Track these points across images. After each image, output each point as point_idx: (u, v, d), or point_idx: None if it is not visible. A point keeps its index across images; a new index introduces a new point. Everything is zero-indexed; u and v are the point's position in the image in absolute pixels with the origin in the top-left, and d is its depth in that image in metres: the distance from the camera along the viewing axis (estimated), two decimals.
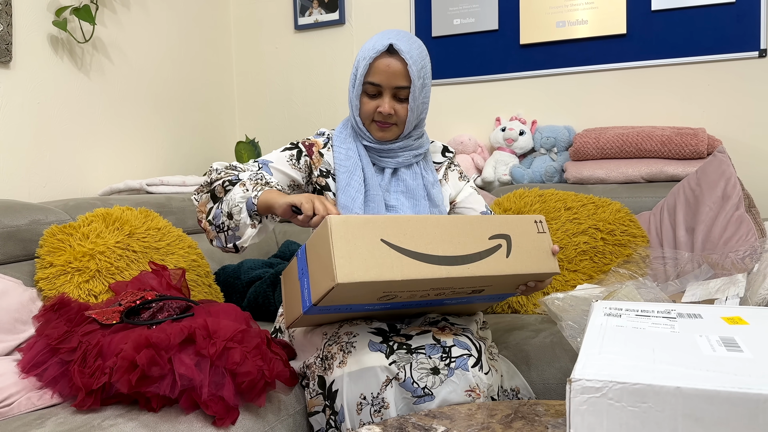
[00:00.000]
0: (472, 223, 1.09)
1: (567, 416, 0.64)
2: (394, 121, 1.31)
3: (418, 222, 1.05)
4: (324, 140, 1.39)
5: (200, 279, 1.67)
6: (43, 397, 1.09)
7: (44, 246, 1.45)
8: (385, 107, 1.28)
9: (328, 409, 1.15)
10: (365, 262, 0.98)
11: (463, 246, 1.07)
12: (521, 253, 1.12)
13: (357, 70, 1.30)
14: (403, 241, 1.02)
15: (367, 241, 0.99)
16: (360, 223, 1.00)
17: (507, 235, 1.11)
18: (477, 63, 2.47)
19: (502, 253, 1.10)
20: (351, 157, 1.33)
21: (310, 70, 2.77)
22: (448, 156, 1.46)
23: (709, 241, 1.59)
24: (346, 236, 0.98)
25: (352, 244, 0.98)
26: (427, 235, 1.04)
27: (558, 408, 1.03)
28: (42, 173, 1.96)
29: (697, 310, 0.89)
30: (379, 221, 1.02)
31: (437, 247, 1.04)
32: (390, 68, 1.27)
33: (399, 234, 1.02)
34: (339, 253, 0.96)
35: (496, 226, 1.11)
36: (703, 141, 1.98)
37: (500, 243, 1.10)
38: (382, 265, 0.99)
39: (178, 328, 1.06)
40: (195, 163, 2.64)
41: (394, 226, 1.02)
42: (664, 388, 0.61)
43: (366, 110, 1.31)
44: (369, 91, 1.29)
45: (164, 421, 1.01)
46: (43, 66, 1.96)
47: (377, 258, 0.99)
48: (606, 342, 0.74)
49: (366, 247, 0.99)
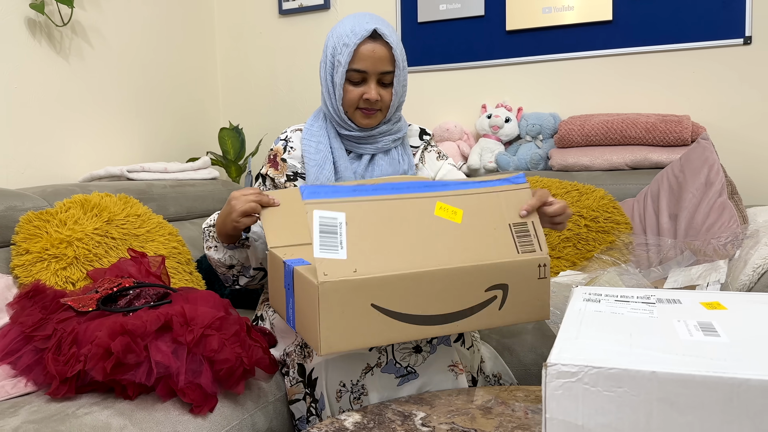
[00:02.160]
0: (471, 275, 1.00)
1: (543, 401, 0.63)
2: (380, 107, 1.29)
3: (414, 280, 0.96)
4: (282, 144, 1.36)
5: (181, 266, 1.65)
6: (17, 386, 1.07)
7: (20, 233, 1.43)
8: (372, 94, 1.25)
9: (308, 396, 1.14)
10: (352, 330, 0.92)
11: (457, 302, 1.00)
12: (515, 304, 1.04)
13: (335, 57, 1.26)
14: (394, 304, 0.95)
15: (356, 308, 0.92)
16: (351, 288, 0.91)
17: (505, 284, 1.03)
18: (463, 49, 2.45)
19: (495, 305, 1.03)
20: (321, 151, 1.31)
21: (295, 55, 2.74)
22: (426, 139, 1.45)
23: (691, 228, 1.60)
24: (335, 305, 0.91)
25: (339, 312, 0.91)
26: (420, 293, 0.96)
27: (538, 394, 1.03)
28: (20, 159, 1.93)
29: (677, 296, 0.89)
30: (372, 284, 0.93)
31: (430, 306, 0.97)
32: (375, 54, 1.24)
33: (391, 296, 0.94)
34: (325, 324, 0.90)
35: (496, 275, 1.02)
36: (688, 128, 1.98)
37: (496, 294, 1.02)
38: (370, 332, 0.94)
39: (154, 315, 1.04)
40: (177, 149, 2.61)
41: (387, 287, 0.94)
42: (639, 373, 0.60)
43: (350, 98, 1.27)
44: (353, 78, 1.25)
45: (140, 409, 1.00)
46: (20, 50, 1.92)
47: (365, 325, 0.93)
48: (583, 327, 0.74)
49: (354, 313, 0.92)
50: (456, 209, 1.04)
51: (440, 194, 1.04)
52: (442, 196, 1.04)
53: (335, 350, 0.92)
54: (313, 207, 0.93)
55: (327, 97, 1.31)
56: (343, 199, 0.96)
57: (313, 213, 0.93)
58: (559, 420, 0.63)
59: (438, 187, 1.05)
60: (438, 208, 1.03)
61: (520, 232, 1.06)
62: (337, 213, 0.95)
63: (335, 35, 1.27)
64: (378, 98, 1.26)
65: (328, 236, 0.93)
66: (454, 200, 1.05)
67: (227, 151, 2.50)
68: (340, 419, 0.95)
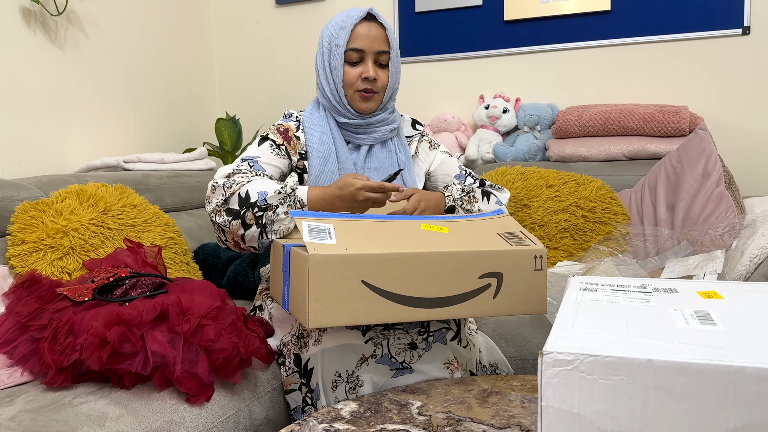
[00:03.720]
0: (464, 261, 1.00)
1: (539, 389, 0.63)
2: (377, 88, 1.31)
3: (406, 260, 0.97)
4: (295, 123, 1.36)
5: (177, 257, 1.65)
6: (13, 375, 1.07)
7: (16, 223, 1.42)
8: (370, 72, 1.28)
9: (304, 386, 1.14)
10: (341, 305, 0.93)
11: (450, 286, 1.00)
12: (510, 294, 1.03)
13: (332, 42, 1.29)
14: (385, 282, 0.96)
15: (346, 283, 0.93)
16: (342, 263, 0.93)
17: (499, 273, 1.02)
18: (461, 39, 2.44)
19: (489, 293, 1.02)
20: (325, 142, 1.31)
21: (292, 46, 2.72)
22: (419, 129, 1.45)
23: (689, 218, 1.60)
24: (325, 278, 0.92)
25: (329, 287, 0.92)
26: (413, 274, 0.97)
27: (534, 383, 1.03)
28: (16, 150, 1.92)
29: (673, 285, 0.89)
30: (363, 261, 0.94)
31: (421, 288, 0.98)
32: (371, 33, 1.28)
33: (382, 275, 0.95)
34: (314, 297, 0.92)
35: (490, 262, 1.02)
36: (686, 118, 1.98)
37: (490, 282, 1.02)
38: (359, 308, 0.94)
39: (150, 304, 1.04)
40: (174, 140, 2.60)
41: (378, 265, 0.95)
42: (635, 361, 0.60)
43: (349, 78, 1.30)
44: (351, 58, 1.29)
45: (137, 398, 1.00)
46: (15, 39, 1.90)
47: (354, 301, 0.94)
48: (580, 316, 0.74)
49: (344, 289, 0.93)
50: (442, 227, 1.08)
51: (423, 220, 1.10)
52: (425, 221, 1.10)
53: (323, 324, 0.93)
54: (302, 220, 0.99)
55: (325, 84, 1.32)
56: (329, 219, 1.02)
57: (302, 223, 0.98)
58: (555, 408, 0.63)
59: (420, 218, 1.12)
60: (423, 227, 1.07)
61: (510, 236, 1.09)
62: (326, 224, 1.00)
63: (330, 25, 1.31)
64: (376, 77, 1.29)
65: (318, 233, 0.97)
66: (438, 222, 1.10)
67: (224, 141, 2.49)
68: (336, 408, 0.95)
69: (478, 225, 1.11)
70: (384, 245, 0.98)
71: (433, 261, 0.98)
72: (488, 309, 1.02)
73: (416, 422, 0.90)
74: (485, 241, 1.05)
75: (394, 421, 0.91)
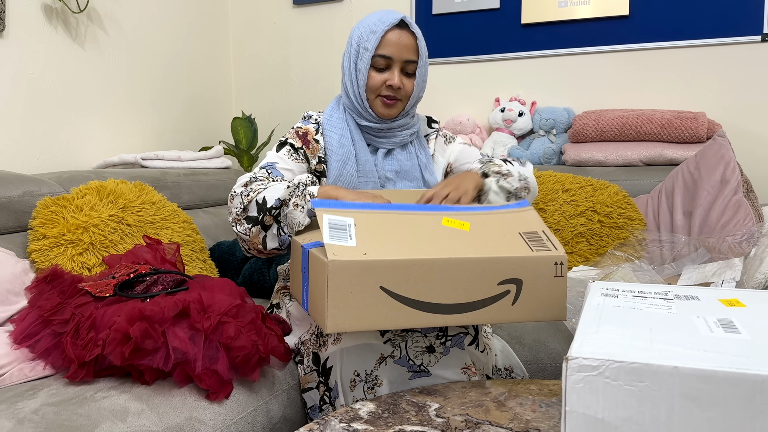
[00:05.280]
0: (484, 267, 0.99)
1: (563, 394, 0.63)
2: (401, 97, 1.30)
3: (424, 267, 0.96)
4: (314, 126, 1.36)
5: (195, 254, 1.66)
6: (35, 369, 1.08)
7: (37, 218, 1.44)
8: (395, 80, 1.27)
9: (322, 385, 1.15)
10: (360, 311, 0.93)
11: (468, 292, 0.99)
12: (529, 301, 1.02)
13: (361, 44, 1.28)
14: (404, 288, 0.95)
15: (364, 288, 0.93)
16: (360, 269, 0.93)
17: (519, 279, 1.01)
18: (477, 42, 2.44)
19: (507, 300, 1.01)
20: (344, 145, 1.31)
21: (309, 46, 2.73)
22: (435, 127, 1.45)
23: (706, 225, 1.59)
24: (344, 284, 0.92)
25: (348, 292, 0.92)
26: (431, 281, 0.96)
27: (552, 387, 1.03)
28: (35, 145, 1.94)
29: (694, 292, 0.88)
30: (382, 267, 0.94)
31: (440, 294, 0.97)
32: (401, 41, 1.26)
33: (401, 281, 0.95)
34: (333, 302, 0.91)
35: (509, 269, 1.00)
36: (703, 125, 1.97)
37: (509, 289, 1.01)
38: (377, 314, 0.94)
39: (172, 301, 1.05)
40: (190, 138, 2.62)
41: (397, 271, 0.94)
42: (661, 368, 0.60)
43: (374, 84, 1.28)
44: (378, 64, 1.27)
45: (157, 393, 1.01)
46: (36, 36, 1.92)
47: (373, 306, 0.94)
48: (603, 321, 0.74)
49: (363, 294, 0.93)
50: (463, 222, 1.06)
51: (445, 213, 1.07)
52: (447, 214, 1.07)
53: (341, 329, 0.93)
54: (323, 212, 0.97)
55: (349, 85, 1.31)
56: (351, 210, 1.01)
57: (323, 216, 0.97)
58: (579, 413, 0.63)
59: (442, 208, 1.09)
60: (444, 221, 1.05)
61: (532, 238, 1.06)
62: (346, 218, 0.99)
63: (362, 26, 1.29)
64: (400, 86, 1.28)
65: (338, 231, 0.96)
66: (460, 216, 1.07)
67: (240, 140, 2.51)
68: (354, 408, 0.96)
69: (500, 221, 1.08)
70: (404, 248, 0.97)
71: (452, 267, 0.97)
72: (507, 315, 1.01)
73: (434, 424, 0.90)
74: (506, 244, 1.04)
75: (412, 423, 0.91)
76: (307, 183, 1.19)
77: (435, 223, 1.04)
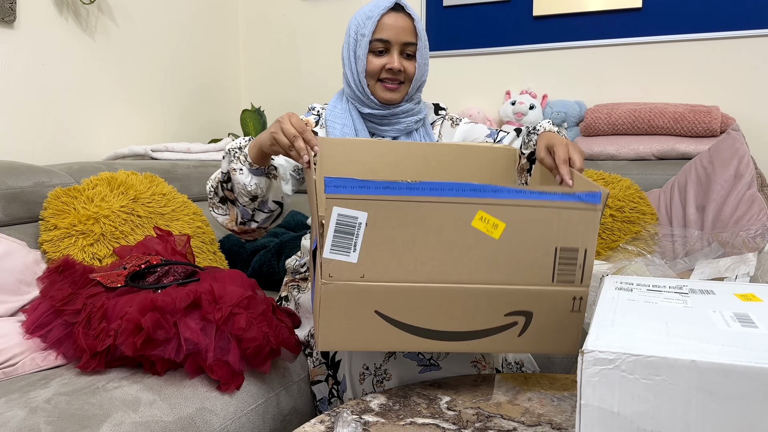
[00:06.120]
0: (491, 297, 0.90)
1: (578, 387, 0.63)
2: (402, 79, 1.29)
3: (424, 294, 0.89)
4: (315, 118, 1.35)
5: (205, 246, 1.66)
6: (47, 358, 1.09)
7: (48, 208, 1.44)
8: (395, 63, 1.26)
9: (330, 378, 1.15)
10: (352, 332, 0.89)
11: (471, 322, 0.91)
12: (538, 334, 0.93)
13: (359, 32, 1.28)
14: (400, 314, 0.89)
15: (359, 312, 0.88)
16: (356, 292, 0.87)
17: (529, 312, 0.92)
18: (488, 34, 2.42)
19: (514, 332, 0.93)
20: (346, 134, 1.30)
21: (318, 38, 2.73)
22: (442, 114, 1.43)
23: (719, 220, 1.58)
24: (336, 305, 0.88)
25: (341, 313, 0.88)
26: (430, 307, 0.90)
27: (563, 382, 1.03)
28: (45, 136, 1.94)
29: (709, 287, 0.88)
30: (379, 291, 0.88)
31: (439, 321, 0.91)
32: (398, 24, 1.26)
33: (398, 306, 0.89)
34: (324, 322, 0.88)
35: (521, 300, 0.91)
36: (717, 119, 1.95)
37: (516, 320, 0.92)
38: (371, 337, 0.90)
39: (183, 292, 1.05)
40: (199, 130, 2.62)
41: (394, 296, 0.89)
42: (678, 362, 0.60)
43: (373, 68, 1.27)
44: (376, 48, 1.27)
45: (169, 384, 1.01)
46: (47, 26, 1.92)
47: (367, 330, 0.89)
48: (618, 315, 0.73)
49: (356, 317, 0.88)
50: (498, 222, 0.90)
51: (486, 201, 0.89)
52: (487, 203, 0.89)
53: (332, 348, 0.91)
54: (334, 203, 0.86)
55: (349, 74, 1.30)
56: (369, 197, 0.86)
57: (333, 210, 0.86)
58: (595, 407, 0.62)
59: (488, 192, 0.89)
60: (477, 218, 0.89)
61: (566, 259, 0.92)
62: (359, 212, 0.87)
63: (358, 14, 1.29)
64: (401, 68, 1.27)
65: (343, 237, 0.87)
66: (501, 210, 0.89)
67: (249, 132, 2.51)
68: (365, 400, 0.96)
69: (547, 223, 0.90)
70: (408, 268, 0.88)
71: (456, 296, 0.90)
72: (511, 346, 0.94)
73: (446, 417, 0.90)
74: (527, 267, 0.91)
75: (424, 415, 0.91)
76: (241, 144, 1.16)
77: (464, 223, 0.89)
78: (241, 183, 1.13)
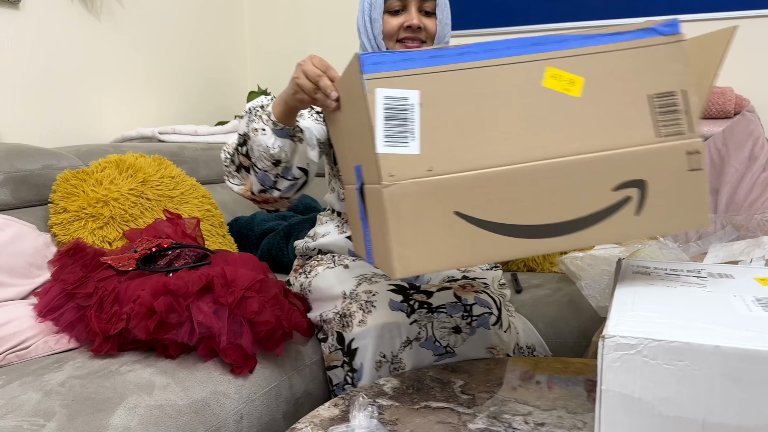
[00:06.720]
0: (591, 169, 0.75)
1: (599, 373, 0.62)
2: (424, 38, 1.20)
3: (509, 179, 0.74)
4: None
5: (214, 229, 1.66)
6: (60, 341, 1.09)
7: (57, 191, 1.44)
8: (413, 20, 1.17)
9: (346, 365, 1.13)
10: (433, 246, 0.74)
11: (573, 207, 0.75)
12: (657, 208, 0.77)
13: None
14: (485, 210, 0.74)
15: (436, 216, 0.73)
16: (427, 191, 0.72)
17: (642, 181, 0.76)
18: (499, 14, 2.39)
19: (629, 210, 0.76)
20: None
21: (324, 19, 2.69)
22: None
23: (733, 203, 1.56)
24: (407, 213, 0.72)
25: (415, 224, 0.73)
26: (520, 196, 0.74)
27: (577, 366, 1.02)
28: (52, 118, 1.93)
29: (728, 270, 0.87)
30: (454, 185, 0.73)
31: (534, 213, 0.75)
32: None
33: (481, 201, 0.74)
34: (397, 239, 0.72)
35: (627, 168, 0.75)
36: (731, 100, 1.92)
37: (629, 195, 0.76)
38: (456, 246, 0.74)
39: (195, 275, 1.05)
40: (206, 112, 2.60)
41: (474, 189, 0.73)
42: (702, 347, 0.59)
43: (390, 28, 1.19)
44: (392, 7, 1.18)
45: (182, 368, 1.01)
46: (53, 8, 1.90)
47: (449, 238, 0.74)
48: (638, 299, 0.72)
49: (434, 224, 0.73)
50: (574, 77, 0.77)
51: (553, 55, 0.76)
52: (555, 57, 0.76)
53: (413, 272, 0.74)
54: (377, 84, 0.71)
55: (366, 41, 1.23)
56: (417, 70, 0.73)
57: (376, 92, 0.71)
58: (616, 392, 0.62)
59: (551, 44, 0.77)
60: (548, 77, 0.76)
61: (664, 106, 0.78)
62: (409, 91, 0.73)
63: None
64: (420, 25, 1.18)
65: (396, 124, 0.73)
66: (572, 63, 0.76)
67: None
68: (379, 384, 0.96)
69: (627, 69, 0.77)
70: (484, 149, 0.74)
71: (548, 175, 0.74)
72: (630, 230, 0.77)
73: (460, 401, 0.90)
74: (624, 124, 0.77)
75: (438, 399, 0.91)
76: (263, 102, 1.06)
77: (533, 84, 0.76)
78: (264, 145, 1.03)
